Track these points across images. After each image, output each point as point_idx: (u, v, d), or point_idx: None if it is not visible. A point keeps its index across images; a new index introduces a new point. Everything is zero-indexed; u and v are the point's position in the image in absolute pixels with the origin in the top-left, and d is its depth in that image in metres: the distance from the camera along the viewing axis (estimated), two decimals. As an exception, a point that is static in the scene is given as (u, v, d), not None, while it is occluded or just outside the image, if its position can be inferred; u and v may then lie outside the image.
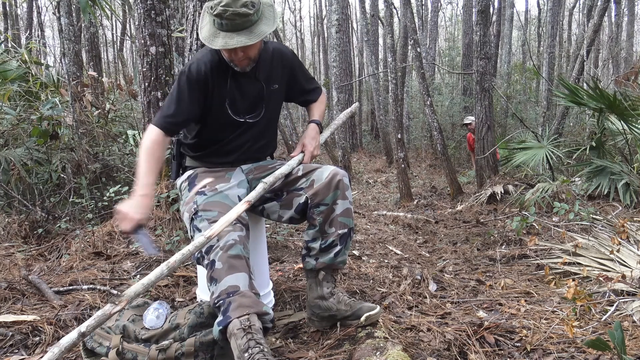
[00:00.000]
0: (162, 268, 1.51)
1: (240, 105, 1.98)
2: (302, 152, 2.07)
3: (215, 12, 1.73)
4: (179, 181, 2.10)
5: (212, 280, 1.66)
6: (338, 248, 1.94)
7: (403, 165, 7.33)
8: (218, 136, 2.01)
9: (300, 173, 1.99)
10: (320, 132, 2.17)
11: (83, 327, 1.39)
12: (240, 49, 1.81)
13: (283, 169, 1.93)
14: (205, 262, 1.70)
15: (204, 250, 1.69)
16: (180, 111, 1.88)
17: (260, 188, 1.82)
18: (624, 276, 2.45)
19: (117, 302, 1.44)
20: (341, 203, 1.92)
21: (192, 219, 1.81)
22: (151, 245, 1.69)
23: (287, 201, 1.98)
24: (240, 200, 1.86)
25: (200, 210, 1.80)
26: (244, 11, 1.73)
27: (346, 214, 1.94)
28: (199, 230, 1.75)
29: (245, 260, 1.69)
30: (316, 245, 1.95)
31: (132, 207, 1.68)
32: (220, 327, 1.59)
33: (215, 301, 1.63)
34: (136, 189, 1.74)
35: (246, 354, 1.49)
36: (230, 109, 1.96)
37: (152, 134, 1.86)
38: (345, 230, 1.94)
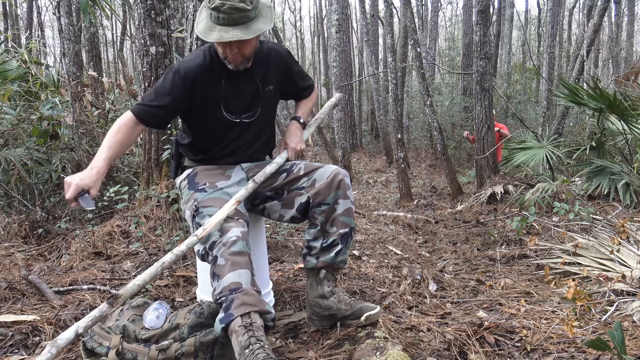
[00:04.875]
0: (157, 267, 1.56)
1: (235, 105, 1.97)
2: (286, 149, 2.08)
3: (212, 6, 1.73)
4: (178, 180, 2.10)
5: (214, 276, 1.67)
6: (339, 247, 1.95)
7: (403, 165, 7.32)
8: (216, 138, 2.01)
9: (301, 172, 1.99)
10: (304, 128, 2.18)
11: (81, 329, 1.42)
12: (235, 45, 1.81)
13: (271, 168, 1.95)
14: (209, 258, 1.71)
15: (207, 246, 1.71)
16: (159, 104, 1.88)
17: (249, 187, 1.86)
18: (624, 276, 2.45)
19: (114, 304, 1.48)
20: (342, 202, 1.94)
21: (193, 216, 1.83)
22: (89, 202, 1.72)
23: (288, 200, 1.99)
24: None
25: (201, 207, 1.81)
26: (241, 6, 1.73)
27: (347, 214, 1.95)
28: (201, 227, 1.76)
29: (247, 257, 1.70)
30: (317, 244, 1.96)
31: (76, 177, 1.71)
32: (223, 325, 1.60)
33: (217, 297, 1.65)
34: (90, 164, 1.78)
35: (247, 350, 1.51)
36: (225, 109, 1.96)
37: (124, 117, 1.88)
38: (347, 229, 1.95)
